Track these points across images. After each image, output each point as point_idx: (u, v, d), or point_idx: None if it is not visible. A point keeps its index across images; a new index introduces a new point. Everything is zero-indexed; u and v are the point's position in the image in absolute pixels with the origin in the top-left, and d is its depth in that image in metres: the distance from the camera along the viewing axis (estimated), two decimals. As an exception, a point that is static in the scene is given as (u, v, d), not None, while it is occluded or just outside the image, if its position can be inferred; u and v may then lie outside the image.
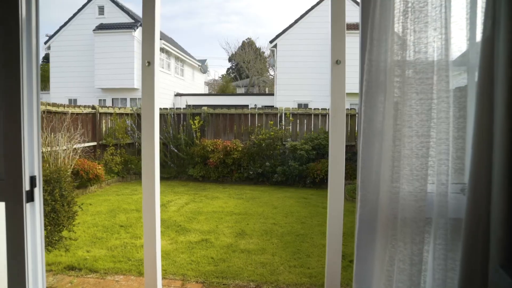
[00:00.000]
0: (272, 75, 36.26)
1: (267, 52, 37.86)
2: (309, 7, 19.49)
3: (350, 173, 9.88)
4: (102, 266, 4.43)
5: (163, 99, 20.43)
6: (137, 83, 19.17)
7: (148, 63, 3.14)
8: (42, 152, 7.50)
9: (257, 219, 6.56)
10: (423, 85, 1.34)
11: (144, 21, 3.07)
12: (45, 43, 21.45)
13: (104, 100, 20.21)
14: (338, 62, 3.02)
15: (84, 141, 9.18)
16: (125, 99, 19.92)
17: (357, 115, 10.77)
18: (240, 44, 40.63)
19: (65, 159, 7.78)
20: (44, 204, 3.89)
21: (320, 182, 9.84)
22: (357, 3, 18.75)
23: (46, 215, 3.86)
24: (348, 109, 10.93)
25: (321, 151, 10.22)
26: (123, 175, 10.25)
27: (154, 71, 3.17)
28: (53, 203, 3.86)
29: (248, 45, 39.07)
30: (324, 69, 18.50)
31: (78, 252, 4.84)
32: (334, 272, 2.99)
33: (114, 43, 19.14)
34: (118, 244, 5.21)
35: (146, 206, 3.32)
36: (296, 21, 19.61)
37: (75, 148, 8.20)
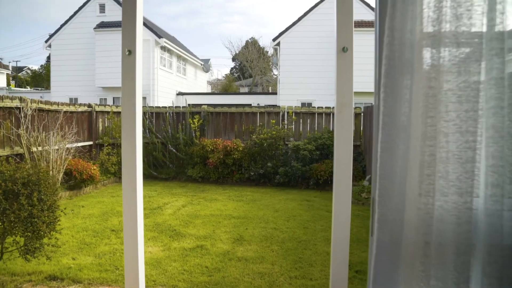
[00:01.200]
0: (275, 75, 35.89)
1: (270, 52, 37.49)
2: (313, 4, 19.08)
3: (355, 174, 9.50)
4: (86, 276, 4.08)
5: (165, 98, 20.10)
6: (138, 81, 18.80)
7: (128, 52, 2.78)
8: (33, 152, 7.18)
9: (257, 224, 6.19)
10: (467, 63, 0.97)
11: (124, 3, 2.71)
12: (46, 41, 21.20)
13: (105, 99, 19.93)
14: (344, 49, 2.64)
15: (77, 141, 8.85)
16: (126, 98, 19.60)
17: (361, 113, 10.39)
18: (243, 43, 40.26)
19: (57, 159, 7.45)
20: (20, 210, 3.55)
21: (324, 184, 9.45)
22: (364, 2, 18.34)
23: (23, 221, 3.52)
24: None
25: (325, 151, 9.83)
26: (120, 176, 9.90)
27: (136, 62, 2.81)
28: (30, 208, 3.50)
29: (252, 44, 38.71)
30: (328, 68, 18.12)
31: (63, 260, 4.50)
32: (340, 284, 2.61)
33: (115, 41, 18.84)
34: (107, 250, 4.86)
35: (127, 214, 2.96)
36: (299, 19, 19.22)
37: (68, 147, 7.87)
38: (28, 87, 41.00)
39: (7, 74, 32.37)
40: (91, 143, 9.77)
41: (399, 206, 1.02)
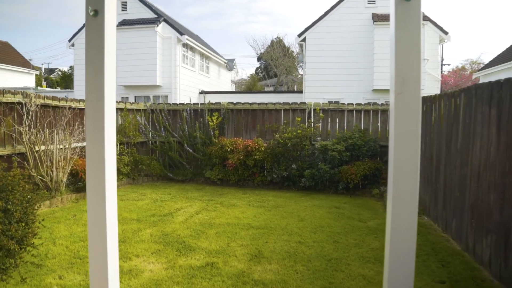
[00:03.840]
0: (301, 74, 34.85)
1: (296, 51, 36.52)
2: (339, -1, 17.99)
3: (386, 177, 8.49)
4: (69, 302, 3.36)
5: (187, 97, 19.53)
6: (159, 80, 18.39)
7: (93, 12, 1.95)
8: (35, 151, 6.61)
9: (279, 236, 5.34)
10: None
11: None
12: (69, 40, 21.09)
13: (127, 98, 19.54)
14: (408, -6, 1.78)
15: (83, 139, 8.25)
16: (148, 96, 19.17)
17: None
18: (268, 42, 39.38)
19: (61, 159, 6.85)
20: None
21: (354, 188, 8.51)
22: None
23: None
24: (379, 104, 9.52)
25: (355, 152, 8.88)
26: (134, 177, 9.28)
27: (105, 27, 2.01)
28: (-10, 221, 2.81)
29: (277, 43, 37.82)
30: (356, 64, 17.06)
31: (47, 279, 3.79)
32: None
33: (137, 39, 18.47)
34: (101, 267, 4.14)
35: (94, 236, 2.14)
36: (326, 13, 18.18)
37: (74, 146, 7.27)
38: (58, 87, 41.75)
39: (36, 75, 32.74)
40: (103, 142, 9.15)
41: None
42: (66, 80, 46.64)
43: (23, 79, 28.03)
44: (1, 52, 27.37)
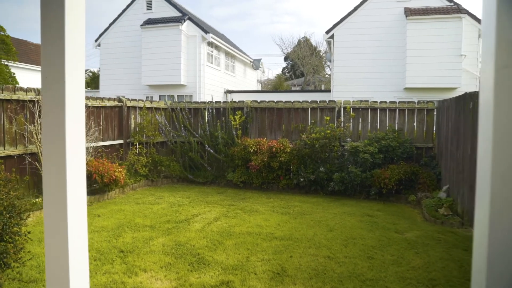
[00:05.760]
0: (328, 74, 33.92)
1: (323, 50, 35.63)
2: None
3: (428, 183, 7.73)
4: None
5: (211, 97, 19.16)
6: (184, 79, 18.09)
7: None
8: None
9: (305, 249, 4.74)
10: None
11: None
12: (96, 40, 21.12)
13: (152, 97, 19.37)
14: None
15: (105, 139, 7.90)
16: (173, 96, 18.90)
17: (434, 109, 8.55)
18: (295, 41, 38.61)
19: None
20: None
21: (388, 194, 7.79)
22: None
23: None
24: (415, 102, 8.72)
25: (389, 155, 8.15)
26: (153, 178, 8.87)
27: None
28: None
29: (304, 42, 37.02)
30: (387, 61, 16.17)
31: (41, 297, 3.36)
32: None
33: (161, 37, 18.24)
34: (102, 282, 3.67)
35: (51, 260, 1.66)
36: (355, 9, 17.33)
37: (88, 146, 6.90)
38: (89, 88, 42.49)
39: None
40: (121, 141, 8.79)
41: None
42: (96, 81, 47.45)
43: (53, 80, 28.50)
44: (34, 54, 27.92)
